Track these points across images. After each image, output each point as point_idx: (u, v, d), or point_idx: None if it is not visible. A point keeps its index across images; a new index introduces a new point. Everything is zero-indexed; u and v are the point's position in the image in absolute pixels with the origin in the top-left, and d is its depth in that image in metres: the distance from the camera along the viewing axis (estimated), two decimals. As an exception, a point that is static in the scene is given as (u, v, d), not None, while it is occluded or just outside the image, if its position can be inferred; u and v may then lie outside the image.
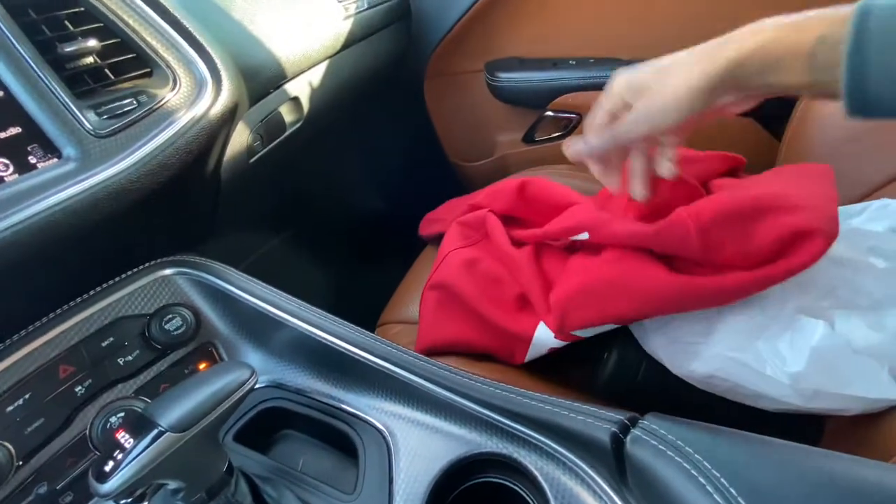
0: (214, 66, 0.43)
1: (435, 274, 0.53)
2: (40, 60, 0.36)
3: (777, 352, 0.34)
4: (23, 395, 0.34)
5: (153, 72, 0.41)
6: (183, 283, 0.42)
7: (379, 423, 0.36)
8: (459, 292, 0.49)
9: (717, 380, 0.38)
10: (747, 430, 0.28)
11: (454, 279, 0.50)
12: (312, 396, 0.39)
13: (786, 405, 0.36)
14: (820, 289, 0.37)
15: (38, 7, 0.37)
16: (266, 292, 0.42)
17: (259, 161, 0.58)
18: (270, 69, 0.55)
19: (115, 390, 0.38)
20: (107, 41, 0.39)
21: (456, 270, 0.50)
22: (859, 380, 0.33)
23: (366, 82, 0.78)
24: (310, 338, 0.40)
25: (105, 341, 0.38)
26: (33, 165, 0.35)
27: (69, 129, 0.36)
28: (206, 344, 0.42)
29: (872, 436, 0.36)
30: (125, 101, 0.39)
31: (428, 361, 0.37)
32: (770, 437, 0.27)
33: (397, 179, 1.09)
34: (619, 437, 0.28)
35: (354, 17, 0.70)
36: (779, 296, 0.36)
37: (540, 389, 0.34)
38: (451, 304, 0.50)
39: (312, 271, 0.94)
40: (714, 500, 0.23)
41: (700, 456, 0.25)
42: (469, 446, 0.33)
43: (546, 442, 0.31)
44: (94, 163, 0.36)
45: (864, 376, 0.33)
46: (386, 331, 0.62)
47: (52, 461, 0.34)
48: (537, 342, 0.45)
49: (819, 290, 0.37)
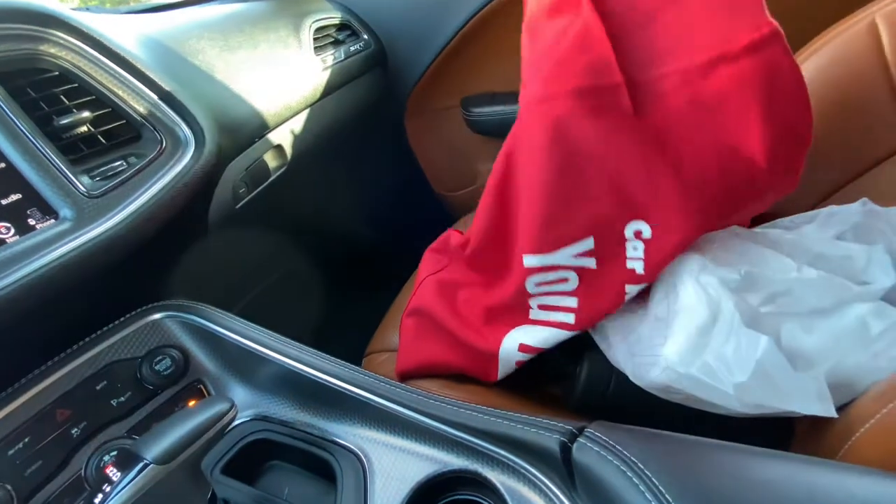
0: (197, 126, 0.47)
1: (412, 301, 0.56)
2: (38, 133, 0.40)
3: (724, 359, 0.37)
4: (22, 439, 0.37)
5: (142, 135, 0.46)
6: (171, 326, 0.45)
7: (356, 448, 0.38)
8: (433, 316, 0.52)
9: (673, 390, 0.40)
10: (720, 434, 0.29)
11: (428, 304, 0.53)
12: (296, 427, 0.41)
13: (735, 412, 0.37)
14: (762, 294, 0.40)
15: (37, 87, 0.42)
16: (249, 330, 0.45)
17: (246, 206, 0.62)
18: (252, 123, 0.59)
19: (110, 430, 0.40)
20: (99, 111, 0.44)
21: (430, 295, 0.53)
22: (796, 396, 0.35)
23: (347, 125, 0.83)
24: (292, 371, 0.42)
25: (99, 385, 0.41)
26: (33, 227, 0.39)
27: (65, 193, 0.40)
28: (195, 382, 0.45)
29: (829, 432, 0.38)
30: (116, 163, 0.43)
31: (399, 387, 0.39)
32: (715, 440, 0.29)
33: (386, 213, 1.13)
34: (567, 445, 0.30)
35: (332, 67, 0.76)
36: (722, 297, 0.38)
37: (518, 408, 0.36)
38: (426, 328, 0.53)
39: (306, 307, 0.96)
40: (645, 497, 0.25)
41: (636, 458, 0.27)
42: (438, 465, 0.35)
43: (505, 455, 0.33)
44: (88, 221, 0.40)
45: (800, 393, 0.35)
46: (373, 360, 0.65)
47: (49, 501, 0.36)
48: (504, 356, 0.48)
49: (761, 296, 0.40)
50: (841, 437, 0.34)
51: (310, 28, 0.74)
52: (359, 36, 0.84)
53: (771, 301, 0.39)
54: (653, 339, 0.43)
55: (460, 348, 0.50)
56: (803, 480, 0.26)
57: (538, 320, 0.47)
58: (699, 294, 0.40)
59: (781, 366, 0.36)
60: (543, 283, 0.46)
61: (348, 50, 0.80)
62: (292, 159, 0.69)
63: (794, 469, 0.27)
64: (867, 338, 0.37)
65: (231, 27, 0.62)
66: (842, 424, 0.34)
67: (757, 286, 0.39)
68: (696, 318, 0.39)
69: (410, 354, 0.53)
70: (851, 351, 0.37)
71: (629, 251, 0.42)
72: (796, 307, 0.39)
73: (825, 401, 0.34)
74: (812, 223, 0.51)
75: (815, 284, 0.38)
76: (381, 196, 1.10)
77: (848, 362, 0.36)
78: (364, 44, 0.84)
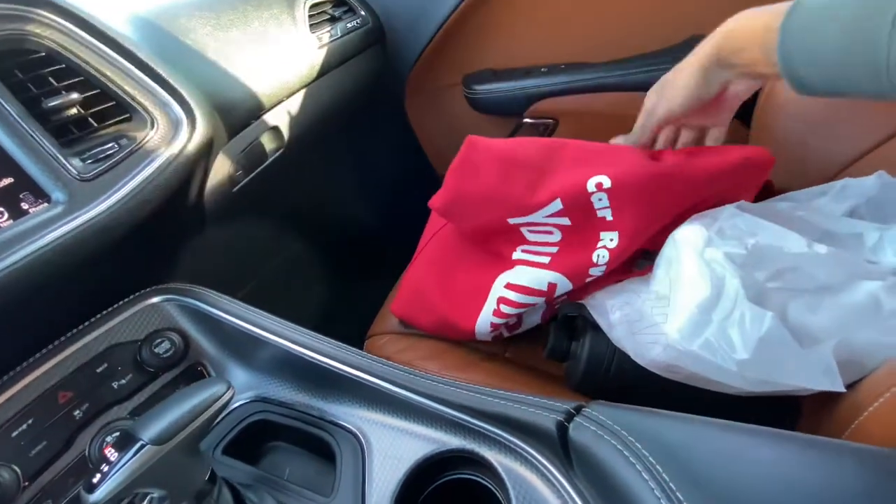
0: (188, 106, 0.46)
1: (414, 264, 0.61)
2: (27, 116, 0.39)
3: (727, 337, 0.36)
4: (26, 421, 0.37)
5: (132, 116, 0.45)
6: (170, 309, 0.45)
7: (354, 428, 0.39)
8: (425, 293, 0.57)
9: (677, 368, 0.39)
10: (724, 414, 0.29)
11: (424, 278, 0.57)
12: (296, 408, 0.42)
13: (739, 391, 0.37)
14: (768, 271, 0.39)
15: (24, 68, 0.41)
16: (248, 313, 0.45)
17: (243, 189, 0.61)
18: (247, 103, 0.58)
19: (112, 412, 0.41)
20: (88, 92, 0.43)
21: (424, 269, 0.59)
22: (802, 371, 0.34)
23: (345, 105, 0.82)
24: (291, 354, 0.42)
25: (100, 367, 0.41)
26: (25, 211, 0.38)
27: (56, 176, 0.39)
28: (196, 364, 0.45)
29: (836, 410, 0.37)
30: (107, 145, 0.42)
31: (397, 368, 0.39)
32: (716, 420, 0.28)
33: (387, 195, 1.12)
34: (563, 424, 0.30)
35: (328, 45, 0.74)
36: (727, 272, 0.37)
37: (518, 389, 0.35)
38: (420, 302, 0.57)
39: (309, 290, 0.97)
40: (641, 476, 0.24)
41: (633, 437, 0.26)
42: (436, 445, 0.35)
43: (503, 435, 0.32)
44: (80, 204, 0.39)
45: (807, 369, 0.34)
46: (375, 341, 0.65)
47: (55, 481, 0.37)
48: (489, 302, 0.52)
49: (768, 272, 0.39)
50: (849, 414, 0.33)
51: (304, 4, 0.72)
52: (355, 12, 0.82)
53: (778, 277, 0.38)
54: (654, 316, 0.42)
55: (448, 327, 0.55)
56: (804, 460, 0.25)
57: (520, 260, 0.52)
58: (702, 269, 0.38)
59: (786, 342, 0.35)
60: (532, 233, 0.52)
61: (345, 27, 0.78)
62: (289, 141, 0.68)
63: (796, 448, 0.26)
64: (879, 314, 0.36)
65: (222, 4, 0.60)
66: (851, 402, 0.34)
67: (764, 261, 0.37)
68: (699, 294, 0.38)
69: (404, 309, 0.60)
70: (861, 327, 0.36)
71: (595, 202, 0.46)
72: (804, 283, 0.37)
73: (832, 375, 0.33)
74: (825, 196, 0.49)
75: (825, 261, 0.37)
76: (382, 177, 1.09)
77: (858, 338, 0.35)
78: (361, 20, 0.82)
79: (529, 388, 0.51)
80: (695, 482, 0.24)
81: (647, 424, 0.27)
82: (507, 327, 0.55)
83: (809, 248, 0.37)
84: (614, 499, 0.26)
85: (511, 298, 0.51)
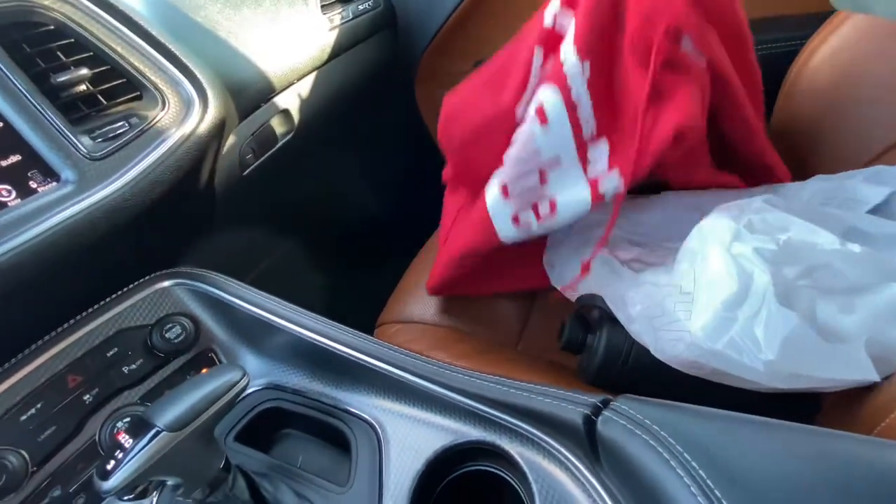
0: (200, 85, 0.45)
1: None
2: (36, 91, 0.38)
3: (752, 336, 0.35)
4: (35, 405, 0.36)
5: (143, 94, 0.44)
6: (181, 294, 0.44)
7: (370, 418, 0.38)
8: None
9: (700, 364, 0.38)
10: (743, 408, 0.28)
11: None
12: (309, 396, 0.41)
13: (766, 387, 0.36)
14: (799, 268, 0.38)
15: (32, 41, 0.39)
16: (259, 298, 0.44)
17: (252, 173, 0.60)
18: (257, 84, 0.57)
19: (122, 397, 0.40)
20: (97, 68, 0.42)
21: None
22: (835, 363, 0.33)
23: (356, 90, 0.80)
24: (304, 340, 0.41)
25: (110, 352, 0.40)
26: (34, 190, 0.37)
27: (66, 154, 0.38)
28: (207, 350, 0.44)
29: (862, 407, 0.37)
30: (117, 124, 0.41)
31: (413, 356, 0.38)
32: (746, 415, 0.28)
33: (396, 182, 1.10)
34: (591, 418, 0.29)
35: (340, 27, 0.72)
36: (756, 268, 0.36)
37: (532, 380, 0.35)
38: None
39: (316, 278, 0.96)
40: (676, 473, 0.24)
41: (665, 433, 0.26)
42: (455, 436, 0.34)
43: (525, 427, 0.32)
44: (91, 184, 0.38)
45: (839, 360, 0.33)
46: (384, 330, 0.64)
47: (64, 466, 0.36)
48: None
49: (798, 269, 0.38)
50: (879, 412, 0.32)
51: (316, -16, 0.70)
52: (367, -7, 0.80)
53: (808, 275, 0.37)
54: (676, 312, 0.41)
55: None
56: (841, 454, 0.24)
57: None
58: (729, 265, 0.37)
59: (813, 341, 0.34)
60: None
61: (356, 9, 0.76)
62: (299, 125, 0.67)
63: (831, 443, 0.25)
64: (909, 313, 0.35)
65: (233, -19, 0.58)
66: (880, 399, 0.33)
67: (795, 258, 0.36)
68: (725, 290, 0.37)
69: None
70: (891, 326, 0.35)
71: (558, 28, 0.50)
72: (835, 282, 0.36)
73: (866, 366, 0.33)
74: (853, 178, 0.48)
75: (857, 260, 0.36)
76: (390, 164, 1.07)
77: (887, 336, 0.34)
78: (373, 2, 0.80)
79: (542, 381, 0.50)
80: (732, 479, 0.23)
81: (680, 420, 0.26)
82: (533, 213, 0.51)
83: (842, 245, 0.36)
84: (645, 496, 0.25)
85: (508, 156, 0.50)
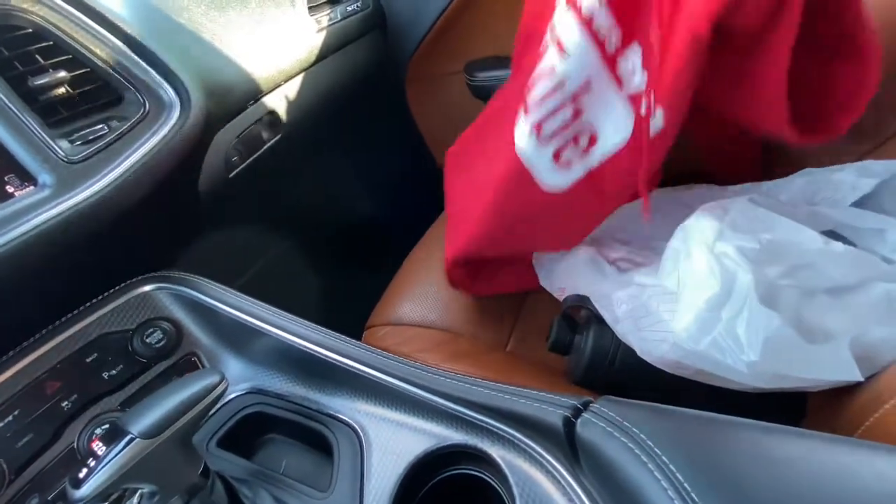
0: (182, 87, 0.44)
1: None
2: (13, 95, 0.38)
3: (735, 336, 0.35)
4: (12, 412, 0.36)
5: (123, 97, 0.43)
6: (163, 298, 0.44)
7: (353, 422, 0.37)
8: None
9: (684, 365, 0.38)
10: (730, 409, 0.28)
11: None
12: (292, 400, 0.40)
13: (750, 387, 0.36)
14: (782, 267, 0.38)
15: (10, 45, 0.39)
16: (242, 302, 0.43)
17: (239, 175, 0.59)
18: (243, 86, 0.56)
19: (101, 404, 0.39)
20: (76, 71, 0.41)
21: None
22: (818, 363, 0.33)
23: (345, 92, 0.80)
24: (287, 344, 0.41)
25: (89, 357, 0.40)
26: (11, 194, 0.37)
27: (43, 158, 0.38)
28: (189, 355, 0.44)
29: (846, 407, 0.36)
30: (97, 126, 0.41)
31: (396, 360, 0.38)
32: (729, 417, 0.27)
33: (386, 184, 1.10)
34: (570, 420, 0.29)
35: (328, 29, 0.72)
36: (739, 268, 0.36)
37: (519, 383, 0.35)
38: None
39: (305, 280, 0.95)
40: (654, 476, 0.23)
41: (644, 435, 0.25)
42: (436, 440, 0.34)
43: (507, 430, 0.31)
44: (68, 188, 0.38)
45: (823, 360, 0.33)
46: (373, 333, 0.64)
47: (42, 474, 0.36)
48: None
49: (781, 268, 0.38)
50: (862, 412, 0.32)
51: (303, -14, 0.69)
52: (356, -5, 0.80)
53: (791, 274, 0.36)
54: (661, 313, 0.41)
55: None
56: (825, 458, 0.24)
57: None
58: (712, 265, 0.37)
59: (795, 343, 0.34)
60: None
61: (345, 10, 0.76)
62: (287, 127, 0.66)
63: (815, 446, 0.25)
64: (893, 311, 0.35)
65: (218, -17, 0.58)
66: (863, 399, 0.33)
67: (778, 257, 0.36)
68: (707, 290, 0.37)
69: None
70: (875, 324, 0.35)
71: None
72: (818, 282, 0.36)
73: (850, 366, 0.32)
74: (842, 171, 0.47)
75: (840, 259, 0.36)
76: (381, 166, 1.07)
77: (871, 335, 0.34)
78: (361, 3, 0.79)
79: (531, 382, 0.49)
80: (710, 482, 0.23)
81: (659, 421, 0.26)
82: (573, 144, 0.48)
83: (826, 245, 0.36)
84: (623, 498, 0.25)
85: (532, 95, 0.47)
